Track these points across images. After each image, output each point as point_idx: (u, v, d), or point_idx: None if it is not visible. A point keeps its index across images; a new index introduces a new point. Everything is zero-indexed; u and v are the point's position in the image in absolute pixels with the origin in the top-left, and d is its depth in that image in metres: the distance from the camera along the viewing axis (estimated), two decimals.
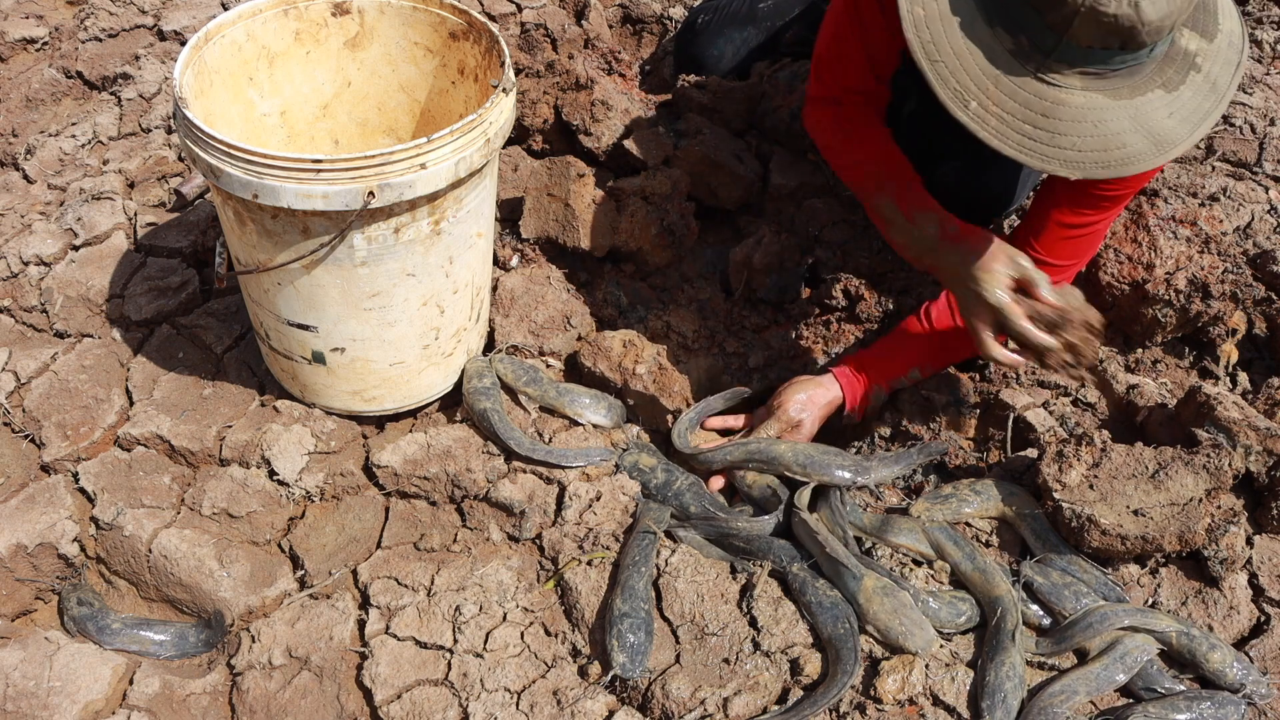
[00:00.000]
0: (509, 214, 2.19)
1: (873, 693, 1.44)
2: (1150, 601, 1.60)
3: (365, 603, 1.61)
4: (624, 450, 1.81)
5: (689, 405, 1.92)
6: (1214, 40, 1.43)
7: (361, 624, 1.58)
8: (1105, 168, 1.39)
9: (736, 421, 1.91)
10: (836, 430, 1.92)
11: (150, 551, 1.65)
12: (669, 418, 1.89)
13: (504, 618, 1.56)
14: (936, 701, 1.45)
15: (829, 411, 1.86)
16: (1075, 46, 1.34)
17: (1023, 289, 1.61)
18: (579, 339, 2.03)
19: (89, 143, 2.46)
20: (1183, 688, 1.50)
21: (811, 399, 1.83)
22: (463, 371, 1.89)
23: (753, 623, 1.53)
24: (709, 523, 1.66)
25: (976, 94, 1.39)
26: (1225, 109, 1.43)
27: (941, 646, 1.52)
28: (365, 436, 1.86)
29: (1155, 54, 1.38)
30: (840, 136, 1.86)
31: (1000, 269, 1.61)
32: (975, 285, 1.62)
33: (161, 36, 2.78)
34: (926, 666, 1.47)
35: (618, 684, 1.48)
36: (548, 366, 1.97)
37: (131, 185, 2.33)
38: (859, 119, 1.86)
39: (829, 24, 1.84)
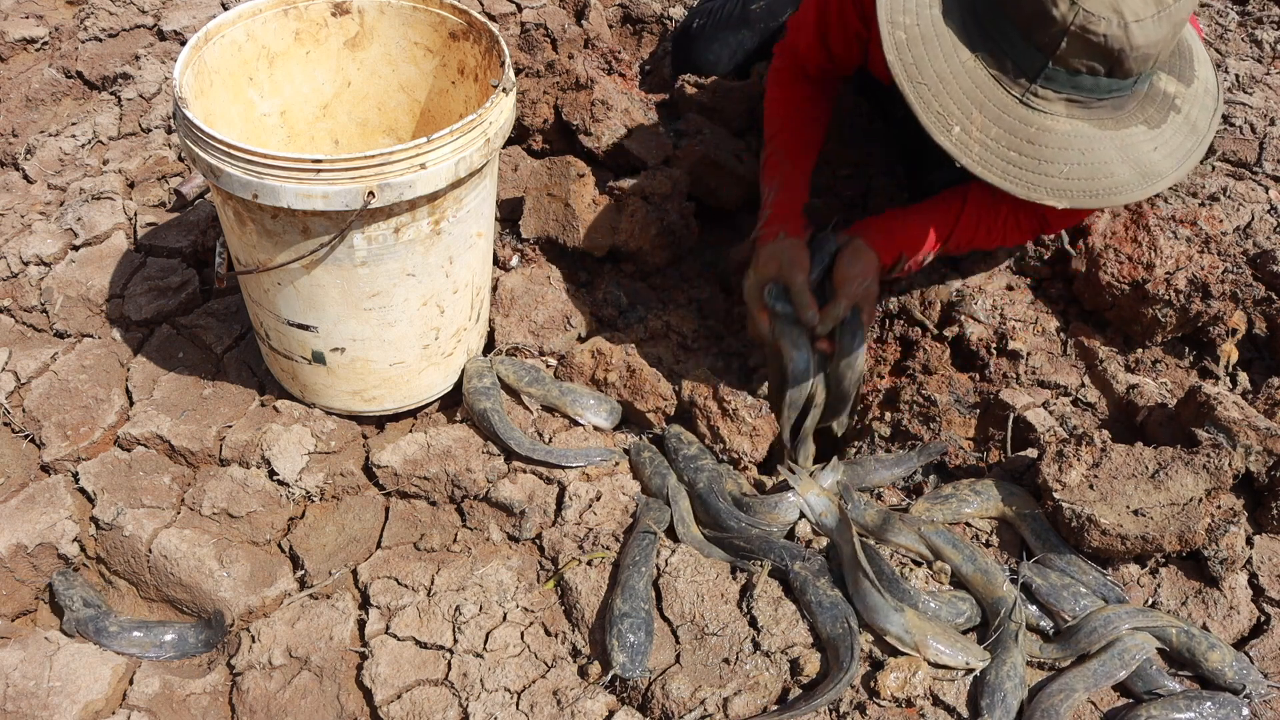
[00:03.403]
0: (509, 214, 2.19)
1: (873, 692, 1.44)
2: (1150, 601, 1.60)
3: (365, 603, 1.61)
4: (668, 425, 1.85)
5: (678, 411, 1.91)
6: (1191, 85, 1.43)
7: (361, 624, 1.58)
8: (1093, 197, 1.37)
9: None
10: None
11: (150, 551, 1.65)
12: (650, 417, 1.88)
13: (504, 618, 1.56)
14: (936, 702, 1.45)
15: (876, 276, 1.83)
16: (1063, 70, 1.32)
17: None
18: (578, 339, 2.03)
19: (89, 143, 2.46)
20: (1182, 688, 1.50)
21: (868, 284, 1.80)
22: (463, 371, 1.89)
23: (753, 623, 1.53)
24: (714, 520, 1.66)
25: (960, 118, 1.36)
26: (1203, 153, 1.41)
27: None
28: (365, 436, 1.86)
29: (1137, 89, 1.36)
30: (776, 88, 1.96)
31: (768, 274, 1.76)
32: (745, 277, 1.80)
33: (161, 36, 2.78)
34: (929, 666, 1.47)
35: (618, 684, 1.48)
36: (547, 366, 1.97)
37: (131, 185, 2.33)
38: (804, 81, 1.93)
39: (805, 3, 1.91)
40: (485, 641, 1.53)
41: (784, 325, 1.78)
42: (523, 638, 1.54)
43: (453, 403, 1.93)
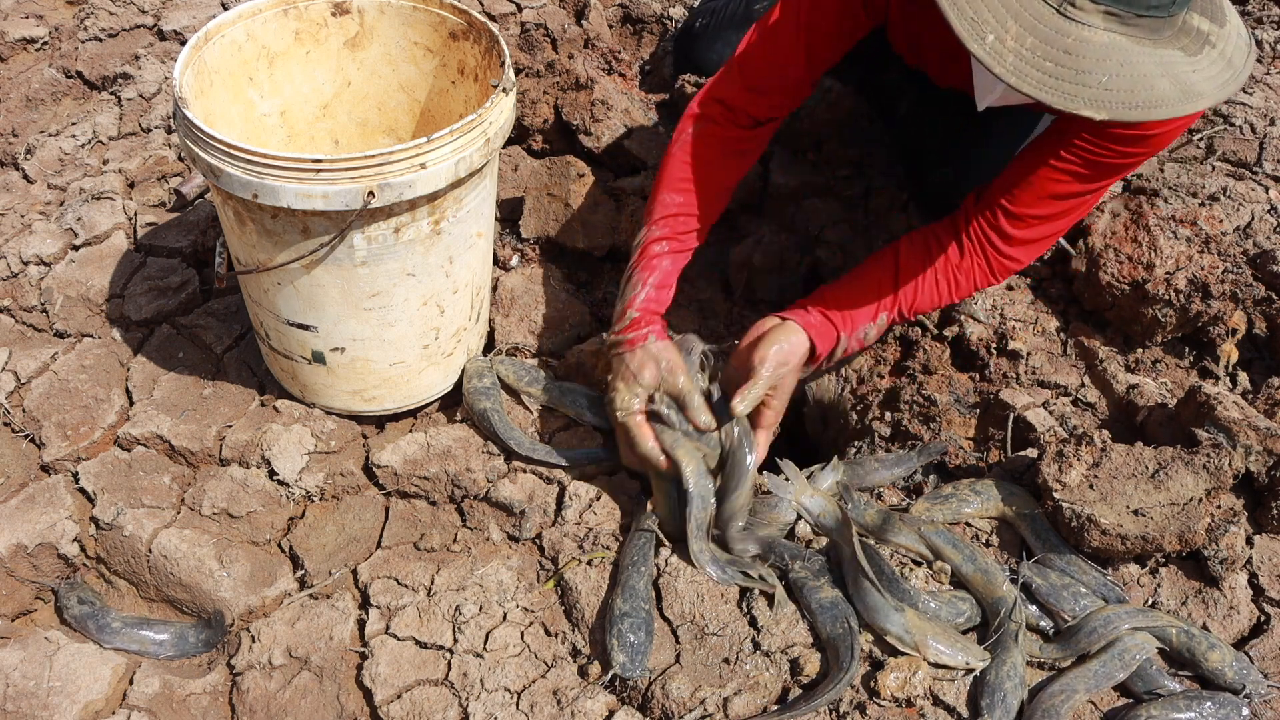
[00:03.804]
0: (509, 214, 2.19)
1: (873, 692, 1.44)
2: (1150, 601, 1.60)
3: (365, 603, 1.61)
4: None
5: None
6: (1224, 26, 1.41)
7: (361, 624, 1.58)
8: (1134, 109, 1.32)
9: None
10: (837, 431, 1.92)
11: (150, 551, 1.65)
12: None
13: (504, 618, 1.56)
14: (936, 702, 1.45)
15: (802, 364, 1.71)
16: None
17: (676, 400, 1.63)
18: (578, 339, 2.03)
19: (89, 143, 2.46)
20: (1182, 688, 1.50)
21: (790, 354, 1.67)
22: (463, 371, 1.89)
23: (753, 622, 1.53)
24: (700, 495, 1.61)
25: (995, 26, 1.31)
26: (1241, 86, 1.38)
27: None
28: (365, 436, 1.86)
29: (1173, 17, 1.33)
30: (687, 150, 1.78)
31: (646, 382, 1.63)
32: (611, 390, 1.66)
33: (161, 36, 2.78)
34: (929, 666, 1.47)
35: (618, 684, 1.48)
36: (547, 366, 1.97)
37: (131, 185, 2.33)
38: (727, 143, 1.78)
39: (768, 14, 1.76)
40: (485, 641, 1.53)
41: (675, 436, 1.62)
42: (523, 638, 1.54)
43: (453, 403, 1.93)
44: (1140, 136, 1.58)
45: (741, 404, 1.61)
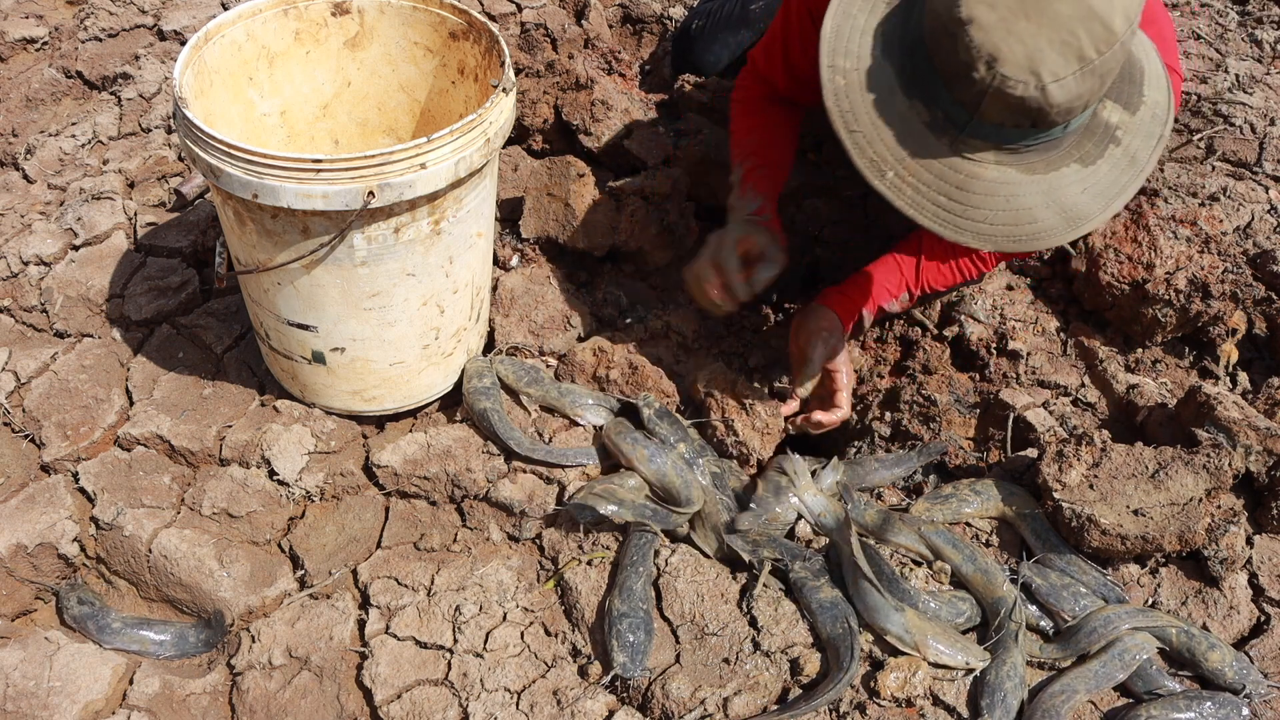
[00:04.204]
0: (509, 214, 2.19)
1: (873, 692, 1.44)
2: (1150, 601, 1.60)
3: (365, 603, 1.61)
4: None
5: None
6: (1137, 113, 1.42)
7: (361, 624, 1.58)
8: (1016, 242, 1.41)
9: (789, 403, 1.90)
10: (837, 430, 1.92)
11: (150, 551, 1.65)
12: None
13: (504, 618, 1.56)
14: (936, 702, 1.45)
15: (839, 331, 1.87)
16: (986, 124, 1.35)
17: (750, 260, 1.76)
18: (578, 339, 2.03)
19: (89, 143, 2.46)
20: (1182, 688, 1.50)
21: (832, 340, 1.84)
22: (463, 371, 1.89)
23: (753, 623, 1.53)
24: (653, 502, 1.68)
25: (893, 164, 1.40)
26: (1143, 182, 1.42)
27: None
28: (365, 436, 1.86)
29: (1072, 129, 1.38)
30: (742, 118, 1.95)
31: (730, 248, 1.75)
32: (715, 234, 1.79)
33: (161, 36, 2.78)
34: (929, 666, 1.47)
35: (618, 684, 1.48)
36: (547, 366, 1.97)
37: (131, 185, 2.33)
38: (771, 107, 1.93)
39: (776, 17, 1.91)
40: (485, 641, 1.53)
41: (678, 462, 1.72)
42: (523, 638, 1.54)
43: (453, 403, 1.93)
44: None
45: (801, 389, 1.86)
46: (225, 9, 2.79)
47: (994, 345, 1.96)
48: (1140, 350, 1.98)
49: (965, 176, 1.38)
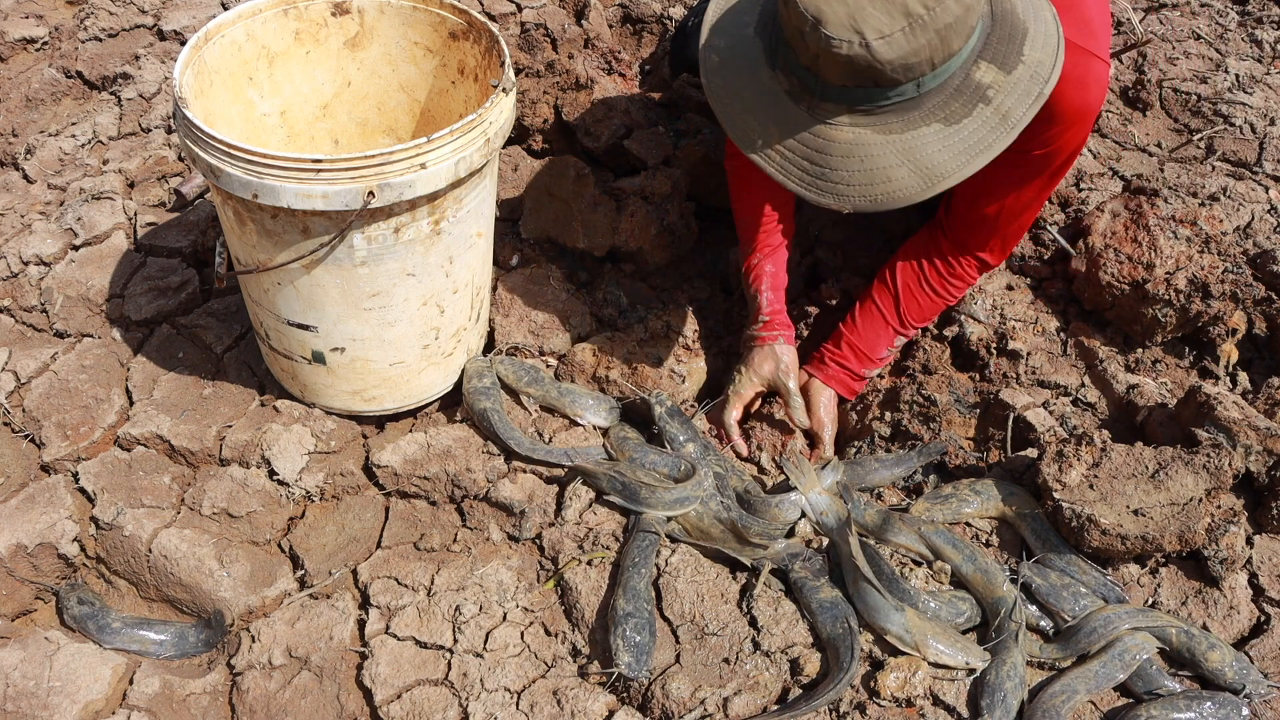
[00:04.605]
0: (509, 214, 2.19)
1: (873, 692, 1.44)
2: (1150, 601, 1.60)
3: (365, 603, 1.61)
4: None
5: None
6: (1013, 73, 1.42)
7: (361, 624, 1.58)
8: (873, 201, 1.43)
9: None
10: (837, 430, 1.92)
11: (150, 551, 1.65)
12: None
13: (504, 618, 1.56)
14: (936, 702, 1.45)
15: (836, 403, 1.97)
16: (831, 86, 1.37)
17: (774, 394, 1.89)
18: (578, 339, 2.03)
19: (89, 143, 2.46)
20: (1182, 688, 1.50)
21: (830, 407, 1.94)
22: (463, 371, 1.89)
23: (753, 622, 1.53)
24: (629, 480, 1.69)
25: (761, 133, 1.44)
26: (1013, 139, 1.43)
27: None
28: (365, 436, 1.86)
29: (929, 88, 1.38)
30: (738, 184, 1.97)
31: (764, 374, 1.87)
32: (735, 378, 1.90)
33: (161, 36, 2.78)
34: (929, 666, 1.47)
35: (621, 684, 1.48)
36: (547, 366, 1.97)
37: (131, 185, 2.33)
38: (753, 172, 1.92)
39: None
40: (485, 641, 1.53)
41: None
42: (523, 638, 1.54)
43: (453, 403, 1.93)
44: (1042, 121, 1.57)
45: (827, 451, 1.92)
46: (225, 9, 2.79)
47: (994, 345, 1.96)
48: (1140, 350, 1.98)
49: (824, 140, 1.42)
